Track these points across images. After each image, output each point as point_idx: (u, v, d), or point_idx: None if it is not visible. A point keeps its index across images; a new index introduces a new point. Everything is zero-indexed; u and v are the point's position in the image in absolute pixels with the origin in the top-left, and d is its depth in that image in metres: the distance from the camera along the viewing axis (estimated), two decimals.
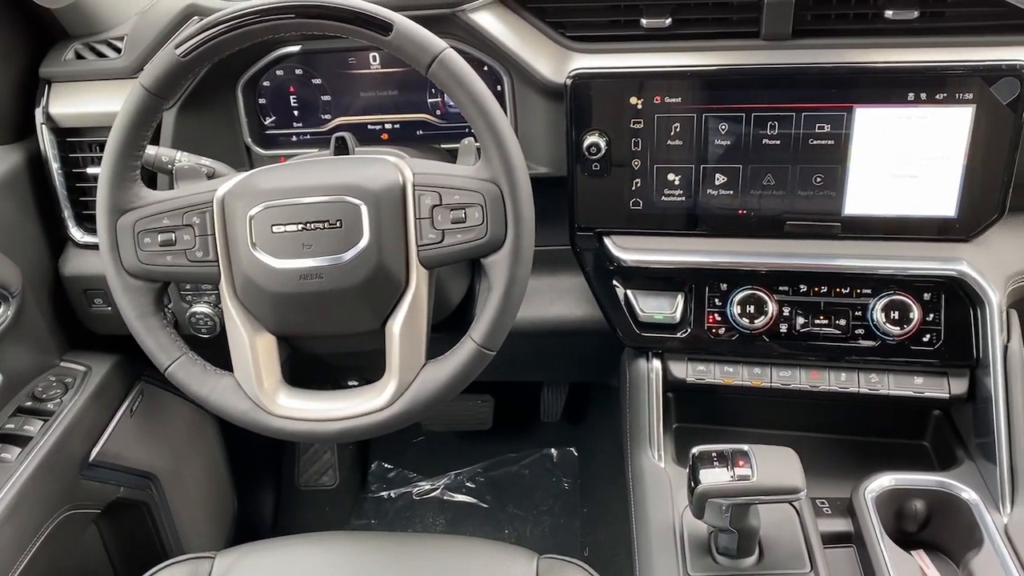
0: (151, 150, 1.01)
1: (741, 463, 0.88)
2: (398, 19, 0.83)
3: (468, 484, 1.85)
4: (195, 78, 1.09)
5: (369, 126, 1.18)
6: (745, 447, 0.89)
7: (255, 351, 0.90)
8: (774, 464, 0.88)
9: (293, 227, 0.86)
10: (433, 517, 1.80)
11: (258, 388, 0.89)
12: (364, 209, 0.85)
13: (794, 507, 0.98)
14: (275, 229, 0.86)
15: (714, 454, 0.89)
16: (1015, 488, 0.97)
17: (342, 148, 0.97)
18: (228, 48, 0.87)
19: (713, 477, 0.87)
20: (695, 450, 0.90)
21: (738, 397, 1.16)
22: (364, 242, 0.85)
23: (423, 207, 0.86)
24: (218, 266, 0.89)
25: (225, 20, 0.85)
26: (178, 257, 0.88)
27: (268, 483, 1.81)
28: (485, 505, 1.81)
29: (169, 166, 1.02)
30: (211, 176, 0.99)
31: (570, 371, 1.60)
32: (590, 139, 1.03)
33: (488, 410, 1.79)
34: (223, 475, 1.63)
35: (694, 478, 0.88)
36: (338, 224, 0.85)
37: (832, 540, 0.99)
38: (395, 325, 0.87)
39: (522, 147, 1.11)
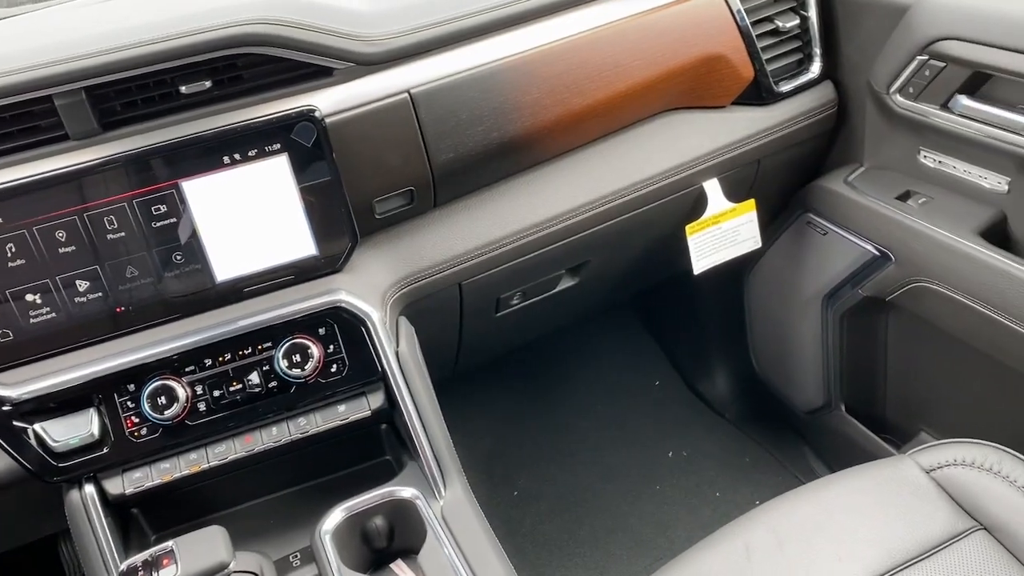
0: None
1: (167, 562, 0.85)
2: None
3: None
4: None
5: None
6: (170, 544, 0.87)
7: None
8: (198, 549, 0.86)
9: None
10: None
11: None
12: None
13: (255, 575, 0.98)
14: None
15: (139, 565, 0.86)
16: (444, 474, 1.07)
17: None
18: None
19: None
20: (121, 567, 0.86)
21: (201, 486, 1.13)
22: None
23: None
24: None
25: None
26: None
27: None
28: None
29: None
30: None
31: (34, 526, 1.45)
32: None
33: None
34: None
35: None
36: None
37: None
38: None
39: None
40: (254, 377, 1.06)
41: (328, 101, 1.04)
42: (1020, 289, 1.14)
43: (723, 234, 1.39)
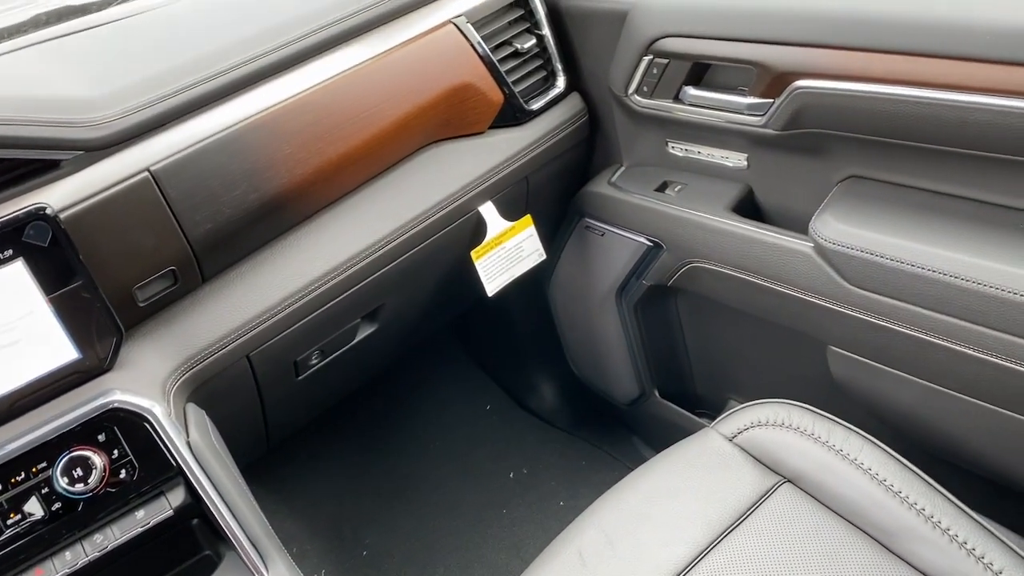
0: None
1: None
2: None
3: None
4: None
5: None
6: None
7: None
8: None
9: None
10: None
11: None
12: None
13: None
14: None
15: None
16: (264, 558, 1.01)
17: None
18: None
19: None
20: None
21: None
22: None
23: None
24: None
25: None
26: None
27: None
28: None
29: None
30: None
31: None
32: None
33: None
34: None
35: None
36: None
37: None
38: None
39: None
40: (32, 504, 0.97)
41: (60, 195, 0.98)
42: (774, 253, 1.24)
43: (508, 253, 1.42)
